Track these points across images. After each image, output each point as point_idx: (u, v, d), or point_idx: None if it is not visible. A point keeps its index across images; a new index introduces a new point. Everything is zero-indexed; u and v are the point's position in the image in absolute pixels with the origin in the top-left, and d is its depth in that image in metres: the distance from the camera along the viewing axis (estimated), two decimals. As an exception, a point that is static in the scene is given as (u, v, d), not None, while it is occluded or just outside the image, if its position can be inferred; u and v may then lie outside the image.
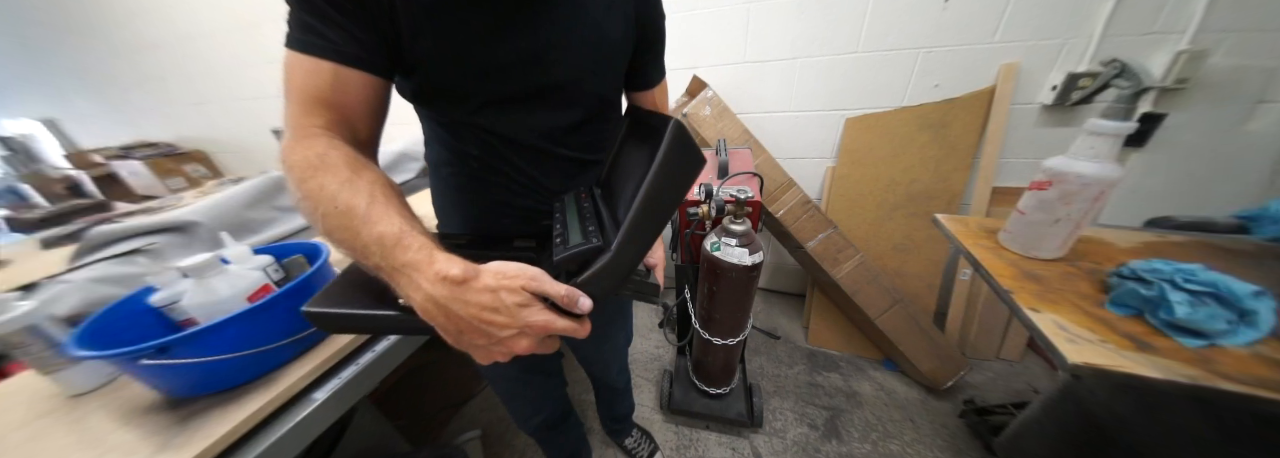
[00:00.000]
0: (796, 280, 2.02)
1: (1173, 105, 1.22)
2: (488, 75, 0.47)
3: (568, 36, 0.48)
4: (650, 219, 0.34)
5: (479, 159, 0.55)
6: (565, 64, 0.50)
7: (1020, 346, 1.54)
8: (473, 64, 0.45)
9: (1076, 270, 0.72)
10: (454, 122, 0.52)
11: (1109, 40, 1.20)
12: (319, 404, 0.59)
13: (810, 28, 1.43)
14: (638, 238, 0.35)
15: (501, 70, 0.46)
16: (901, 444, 1.26)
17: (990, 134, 1.38)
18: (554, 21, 0.47)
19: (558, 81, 0.50)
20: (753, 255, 0.93)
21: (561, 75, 0.50)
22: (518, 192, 0.58)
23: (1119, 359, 0.52)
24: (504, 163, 0.55)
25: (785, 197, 1.44)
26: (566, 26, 0.48)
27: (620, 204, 0.40)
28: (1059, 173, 0.69)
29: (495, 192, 0.58)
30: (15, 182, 2.59)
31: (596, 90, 0.56)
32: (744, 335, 1.15)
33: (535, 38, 0.46)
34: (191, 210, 1.11)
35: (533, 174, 0.57)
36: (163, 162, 2.76)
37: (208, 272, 0.60)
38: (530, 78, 0.48)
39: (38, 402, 0.59)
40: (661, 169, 0.33)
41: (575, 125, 0.55)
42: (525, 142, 0.54)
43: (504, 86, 0.48)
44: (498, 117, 0.50)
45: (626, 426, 1.29)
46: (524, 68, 0.47)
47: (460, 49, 0.44)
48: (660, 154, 0.33)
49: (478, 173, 0.57)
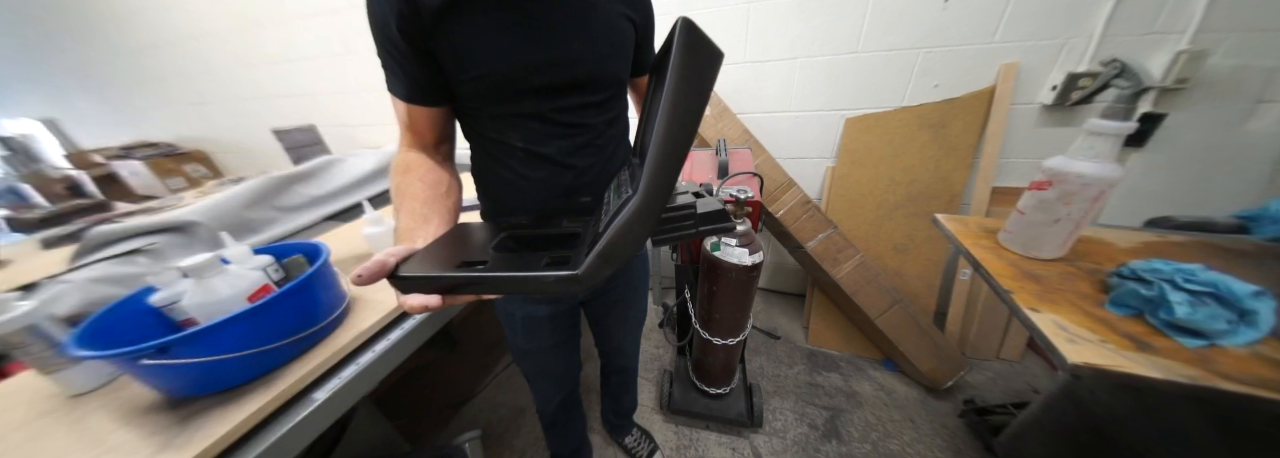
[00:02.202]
0: (796, 280, 2.02)
1: (1173, 105, 1.22)
2: (527, 78, 0.54)
3: (590, 35, 0.56)
4: (678, 135, 0.32)
5: (522, 149, 0.61)
6: (591, 58, 0.57)
7: (1020, 346, 1.54)
8: (515, 77, 0.54)
9: (1076, 270, 0.72)
10: (498, 114, 0.59)
11: (1109, 40, 1.20)
12: (319, 404, 0.59)
13: (810, 28, 1.43)
14: (667, 165, 0.33)
15: (539, 72, 0.54)
16: (901, 444, 1.26)
17: (990, 134, 1.38)
18: (579, 27, 0.54)
19: (589, 73, 0.58)
20: (753, 255, 0.93)
21: (591, 68, 0.57)
22: (558, 175, 0.63)
23: (1119, 359, 0.52)
24: (543, 146, 0.60)
25: (785, 197, 1.44)
26: (588, 27, 0.55)
27: (649, 142, 0.38)
28: (1059, 173, 0.69)
29: (534, 181, 0.63)
30: (15, 182, 2.59)
31: (615, 71, 0.62)
32: (744, 335, 1.15)
33: (567, 47, 0.54)
34: (191, 210, 1.11)
35: (567, 160, 0.62)
36: (163, 162, 2.76)
37: (208, 272, 0.60)
38: (563, 74, 0.56)
39: (38, 402, 0.59)
40: (679, 71, 0.31)
41: (602, 102, 0.62)
42: (561, 120, 0.59)
43: (542, 81, 0.55)
44: (538, 104, 0.57)
45: (627, 423, 1.30)
46: (556, 69, 0.55)
47: (502, 71, 0.53)
48: (674, 55, 0.31)
49: (521, 161, 0.62)
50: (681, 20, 0.33)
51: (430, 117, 0.58)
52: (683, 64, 0.31)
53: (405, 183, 0.53)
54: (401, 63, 0.52)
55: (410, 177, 0.54)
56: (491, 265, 0.35)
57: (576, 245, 0.38)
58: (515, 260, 0.36)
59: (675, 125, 0.32)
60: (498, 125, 0.59)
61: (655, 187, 0.33)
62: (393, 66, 0.53)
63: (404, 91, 0.55)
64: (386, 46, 0.51)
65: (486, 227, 0.48)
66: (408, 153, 0.58)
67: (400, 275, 0.34)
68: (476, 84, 0.54)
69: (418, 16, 0.47)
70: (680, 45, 0.32)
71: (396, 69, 0.53)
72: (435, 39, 0.49)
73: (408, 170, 0.54)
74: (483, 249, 0.41)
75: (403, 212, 0.50)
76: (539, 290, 0.33)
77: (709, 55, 0.34)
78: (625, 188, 0.45)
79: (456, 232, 0.46)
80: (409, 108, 0.56)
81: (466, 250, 0.41)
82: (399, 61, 0.52)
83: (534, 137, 0.59)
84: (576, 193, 0.64)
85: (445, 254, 0.39)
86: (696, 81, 0.33)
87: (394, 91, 0.56)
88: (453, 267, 0.36)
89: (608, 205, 0.44)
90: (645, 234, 0.36)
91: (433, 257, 0.38)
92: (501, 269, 0.34)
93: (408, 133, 0.59)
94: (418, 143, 0.59)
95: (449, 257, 0.38)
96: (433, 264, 0.36)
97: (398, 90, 0.55)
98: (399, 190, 0.53)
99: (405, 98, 0.55)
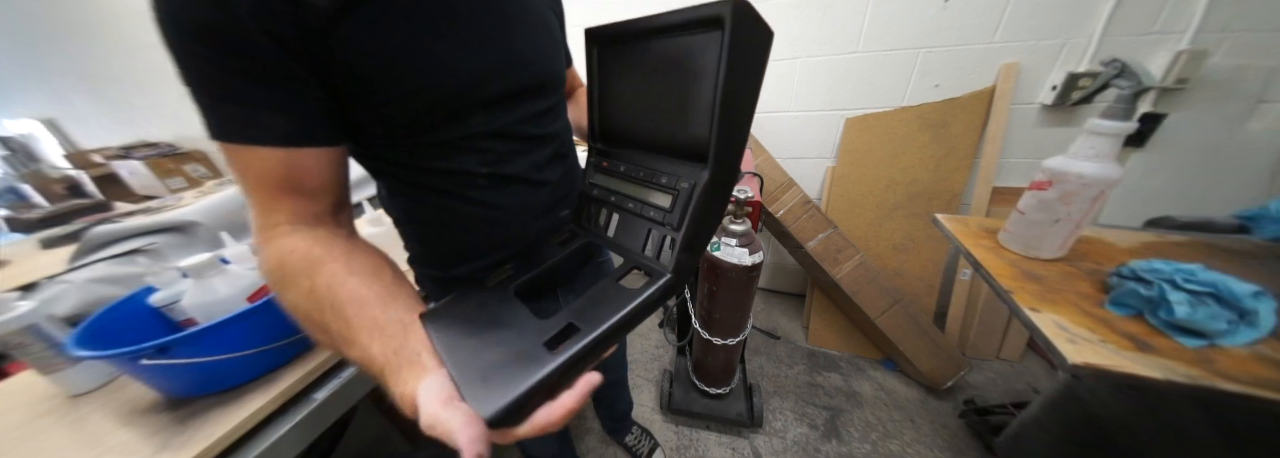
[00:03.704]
0: (796, 280, 2.02)
1: (1173, 105, 1.22)
2: (476, 89, 0.42)
3: (531, 31, 0.46)
4: (739, 121, 0.30)
5: (487, 176, 0.49)
6: (537, 57, 0.47)
7: (1020, 346, 1.54)
8: (460, 90, 0.41)
9: (1076, 270, 0.72)
10: (444, 140, 0.45)
11: (1109, 40, 1.20)
12: (319, 404, 0.59)
13: (810, 28, 1.43)
14: (734, 140, 0.30)
15: (488, 80, 0.43)
16: (901, 444, 1.26)
17: (990, 134, 1.38)
18: (514, 22, 0.44)
19: (539, 74, 0.48)
20: (753, 255, 0.93)
21: (540, 68, 0.48)
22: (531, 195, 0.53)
23: (1119, 359, 0.52)
24: (510, 166, 0.49)
25: (785, 197, 1.44)
26: (524, 20, 0.45)
27: (658, 128, 0.35)
28: (1059, 173, 0.69)
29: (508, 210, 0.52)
30: (15, 182, 2.59)
31: (560, 70, 0.53)
32: (744, 335, 1.15)
33: (510, 46, 0.43)
34: (191, 210, 1.11)
35: (539, 176, 0.53)
36: (163, 162, 2.75)
37: (208, 272, 0.60)
38: (514, 80, 0.45)
39: (38, 402, 0.59)
40: (733, 62, 0.26)
41: (555, 105, 0.53)
42: (524, 134, 0.49)
43: (493, 90, 0.44)
44: (492, 119, 0.45)
45: (626, 423, 1.30)
46: (505, 74, 0.44)
47: (445, 83, 0.40)
48: (726, 40, 0.26)
49: (486, 189, 0.50)
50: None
51: (326, 164, 0.38)
52: (738, 47, 0.27)
53: (327, 289, 0.33)
54: (271, 88, 0.33)
55: (326, 277, 0.34)
56: (581, 320, 0.29)
57: (595, 255, 0.37)
58: (595, 307, 0.30)
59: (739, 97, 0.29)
60: (444, 153, 0.45)
61: (725, 164, 0.31)
62: (249, 96, 0.33)
63: (283, 131, 0.35)
64: (236, 65, 0.32)
65: (473, 294, 0.37)
66: (294, 239, 0.37)
67: (494, 418, 0.24)
68: (408, 105, 0.39)
69: (298, 18, 0.31)
70: (736, 26, 0.26)
71: (259, 99, 0.33)
72: (330, 51, 0.33)
73: (315, 269, 0.34)
74: (512, 313, 0.33)
75: (360, 332, 0.32)
76: (648, 312, 0.30)
77: (764, 34, 0.30)
78: (592, 173, 0.42)
79: (449, 323, 0.33)
80: (290, 156, 0.36)
81: (497, 332, 0.31)
82: (265, 86, 0.33)
83: (497, 158, 0.47)
84: (554, 208, 0.56)
85: (491, 356, 0.28)
86: (753, 68, 0.30)
87: (251, 137, 0.34)
88: (523, 362, 0.27)
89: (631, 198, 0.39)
90: (721, 213, 0.35)
91: (477, 368, 0.27)
92: (589, 323, 0.28)
93: (285, 200, 0.37)
94: (307, 214, 0.39)
95: (499, 357, 0.28)
96: (498, 378, 0.26)
97: (264, 132, 0.34)
98: (323, 303, 0.33)
99: (284, 141, 0.35)
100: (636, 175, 0.38)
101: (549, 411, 0.25)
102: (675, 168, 0.35)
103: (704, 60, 0.28)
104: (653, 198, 0.36)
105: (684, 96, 0.31)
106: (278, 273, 0.35)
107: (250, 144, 0.35)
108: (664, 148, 0.36)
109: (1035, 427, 1.00)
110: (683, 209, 0.33)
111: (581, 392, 0.26)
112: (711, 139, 0.30)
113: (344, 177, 0.42)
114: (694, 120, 0.31)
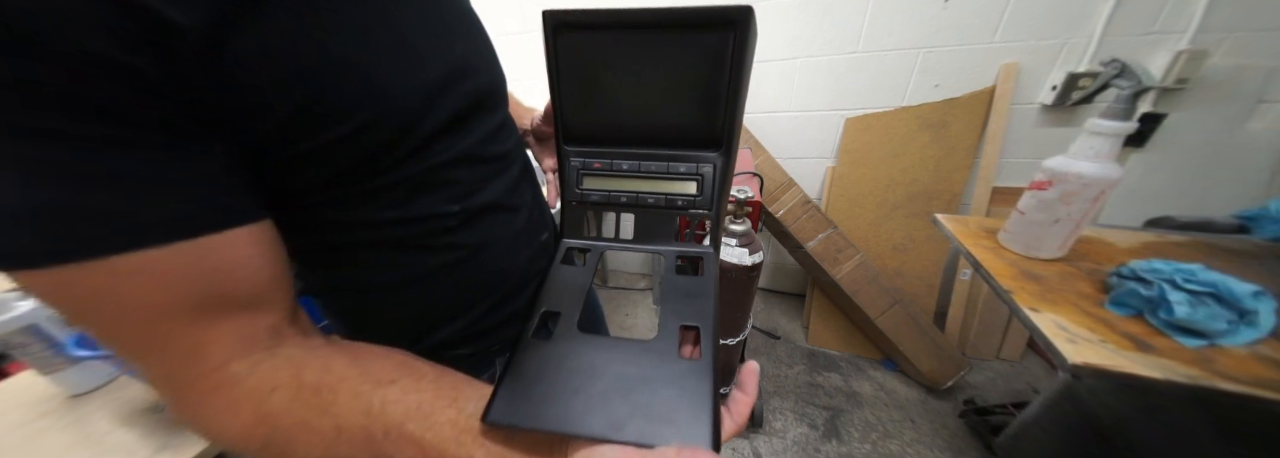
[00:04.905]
0: (796, 280, 2.02)
1: (1173, 105, 1.22)
2: (428, 110, 0.33)
3: (468, 33, 0.39)
4: (741, 108, 0.33)
5: (460, 213, 0.39)
6: (481, 65, 0.39)
7: (1020, 346, 1.54)
8: (414, 114, 0.31)
9: (1076, 270, 0.72)
10: (401, 180, 0.34)
11: (1109, 40, 1.20)
12: (319, 404, 0.59)
13: (810, 28, 1.43)
14: (737, 132, 0.34)
15: (440, 96, 0.33)
16: (901, 444, 1.27)
17: (990, 134, 1.38)
18: (449, 22, 0.36)
19: (488, 83, 0.40)
20: (753, 255, 0.93)
21: (486, 78, 0.40)
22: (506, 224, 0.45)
23: (1119, 359, 0.52)
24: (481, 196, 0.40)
25: (785, 197, 1.44)
26: (458, 18, 0.38)
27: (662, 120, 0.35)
28: (1059, 173, 0.69)
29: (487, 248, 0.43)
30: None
31: (502, 76, 0.45)
32: (744, 335, 1.15)
33: (449, 52, 0.35)
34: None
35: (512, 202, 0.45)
36: (163, 162, 2.76)
37: (208, 272, 0.60)
38: (466, 93, 0.37)
39: (38, 402, 0.59)
40: (741, 58, 0.28)
41: (503, 122, 0.44)
42: (488, 154, 0.41)
43: (448, 110, 0.35)
44: (453, 142, 0.36)
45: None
46: (455, 88, 0.35)
47: (393, 107, 0.30)
48: (738, 40, 0.28)
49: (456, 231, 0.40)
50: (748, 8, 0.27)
51: (260, 249, 0.26)
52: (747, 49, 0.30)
53: (365, 415, 0.25)
54: (145, 151, 0.21)
55: (354, 402, 0.25)
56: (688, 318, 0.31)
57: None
58: (687, 302, 0.33)
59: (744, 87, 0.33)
60: (403, 197, 0.34)
61: (733, 146, 0.35)
62: (114, 171, 0.20)
63: (183, 213, 0.22)
64: (81, 130, 0.19)
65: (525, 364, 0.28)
66: (262, 377, 0.25)
67: (714, 442, 0.22)
68: (357, 143, 0.28)
69: (154, 42, 0.19)
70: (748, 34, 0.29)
71: (129, 172, 0.20)
72: (222, 84, 0.22)
73: (330, 401, 0.25)
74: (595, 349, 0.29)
75: (446, 444, 0.24)
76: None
77: (755, 33, 0.32)
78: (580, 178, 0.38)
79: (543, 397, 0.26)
80: (203, 252, 0.23)
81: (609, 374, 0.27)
82: (132, 151, 0.20)
83: (467, 189, 0.38)
84: (536, 233, 0.48)
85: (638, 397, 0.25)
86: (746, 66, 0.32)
87: (133, 239, 0.21)
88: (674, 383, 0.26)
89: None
90: (728, 192, 0.38)
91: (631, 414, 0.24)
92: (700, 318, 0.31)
93: (216, 325, 0.24)
94: (260, 334, 0.26)
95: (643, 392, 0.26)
96: (662, 409, 0.25)
97: (154, 226, 0.21)
98: (373, 434, 0.24)
99: (188, 229, 0.22)
100: (649, 171, 0.37)
101: (736, 410, 0.24)
102: (688, 156, 0.36)
103: (713, 55, 0.30)
104: (676, 188, 0.37)
105: (694, 89, 0.32)
106: (265, 432, 0.24)
107: (131, 250, 0.21)
108: (668, 140, 0.37)
109: (1035, 427, 1.00)
110: (712, 192, 0.36)
111: (754, 385, 0.25)
112: (724, 127, 0.33)
113: (285, 262, 0.29)
114: (705, 111, 0.33)
